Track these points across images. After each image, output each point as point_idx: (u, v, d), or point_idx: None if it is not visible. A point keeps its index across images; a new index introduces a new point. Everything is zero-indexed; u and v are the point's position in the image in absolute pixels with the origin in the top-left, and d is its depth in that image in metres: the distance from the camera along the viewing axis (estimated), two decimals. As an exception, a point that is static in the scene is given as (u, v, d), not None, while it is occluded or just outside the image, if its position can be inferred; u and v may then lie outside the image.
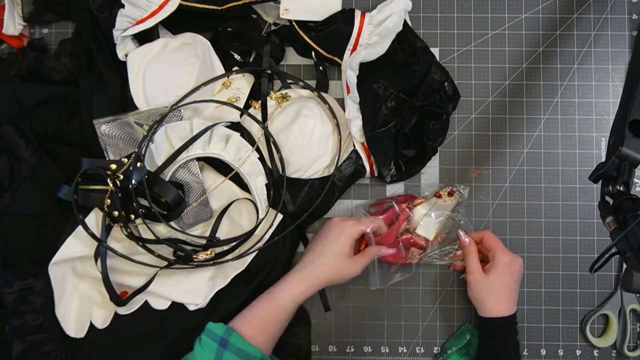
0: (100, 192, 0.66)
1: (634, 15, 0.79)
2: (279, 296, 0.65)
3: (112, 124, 0.68)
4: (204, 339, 0.61)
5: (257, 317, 0.64)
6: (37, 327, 0.65)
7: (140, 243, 0.67)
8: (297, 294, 0.65)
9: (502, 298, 0.67)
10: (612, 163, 0.53)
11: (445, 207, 0.74)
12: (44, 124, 0.72)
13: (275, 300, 0.65)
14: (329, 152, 0.73)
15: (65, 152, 0.72)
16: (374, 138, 0.71)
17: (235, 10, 0.73)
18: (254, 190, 0.70)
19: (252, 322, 0.64)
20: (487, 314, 0.68)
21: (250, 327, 0.63)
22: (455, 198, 0.74)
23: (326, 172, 0.73)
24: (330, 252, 0.67)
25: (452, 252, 0.74)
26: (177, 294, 0.66)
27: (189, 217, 0.71)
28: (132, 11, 0.69)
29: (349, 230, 0.68)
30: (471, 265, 0.69)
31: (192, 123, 0.69)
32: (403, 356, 0.76)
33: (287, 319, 0.66)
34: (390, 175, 0.73)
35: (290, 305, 0.65)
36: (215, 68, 0.75)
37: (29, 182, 0.69)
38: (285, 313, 0.65)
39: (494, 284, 0.67)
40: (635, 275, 0.46)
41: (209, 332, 0.62)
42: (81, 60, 0.72)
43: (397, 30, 0.71)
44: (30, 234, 0.69)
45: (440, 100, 0.72)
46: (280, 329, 0.66)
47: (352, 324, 0.76)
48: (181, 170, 0.70)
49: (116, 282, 0.67)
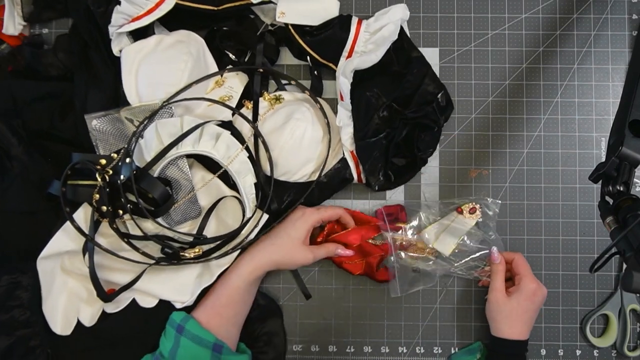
0: (90, 188, 0.66)
1: (634, 15, 0.79)
2: (230, 277, 0.66)
3: (103, 119, 0.68)
4: (166, 328, 0.63)
5: (210, 302, 0.65)
6: (24, 322, 0.65)
7: (126, 239, 0.67)
8: (245, 273, 0.66)
9: (519, 323, 0.67)
10: (612, 163, 0.53)
11: (465, 223, 0.73)
12: (38, 120, 0.72)
13: (226, 282, 0.66)
14: (317, 157, 0.73)
15: (58, 149, 0.72)
16: (364, 147, 0.71)
17: (232, 11, 0.73)
18: (242, 188, 0.70)
19: (207, 307, 0.65)
20: (499, 335, 0.68)
21: (205, 312, 0.64)
22: (476, 216, 0.74)
23: (313, 177, 0.73)
24: (285, 234, 0.68)
25: (480, 268, 0.73)
26: (165, 292, 0.67)
27: (177, 214, 0.71)
28: (128, 8, 0.69)
29: (307, 216, 0.69)
30: (496, 284, 0.69)
31: (182, 120, 0.69)
32: (403, 356, 0.76)
33: (242, 300, 0.67)
34: (379, 184, 0.73)
35: (240, 285, 0.66)
36: (209, 66, 0.75)
37: (20, 180, 0.69)
38: (237, 294, 0.66)
39: (514, 307, 0.67)
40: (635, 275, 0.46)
41: (171, 320, 0.64)
42: (77, 56, 0.73)
43: (392, 39, 0.71)
44: (21, 231, 0.69)
45: (432, 112, 0.72)
46: (237, 312, 0.67)
47: (352, 324, 0.76)
48: (170, 167, 0.70)
49: (104, 279, 0.67)
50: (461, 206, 0.74)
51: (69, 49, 0.74)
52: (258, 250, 0.68)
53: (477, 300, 0.76)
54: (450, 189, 0.77)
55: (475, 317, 0.76)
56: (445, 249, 0.72)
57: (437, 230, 0.73)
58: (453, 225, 0.73)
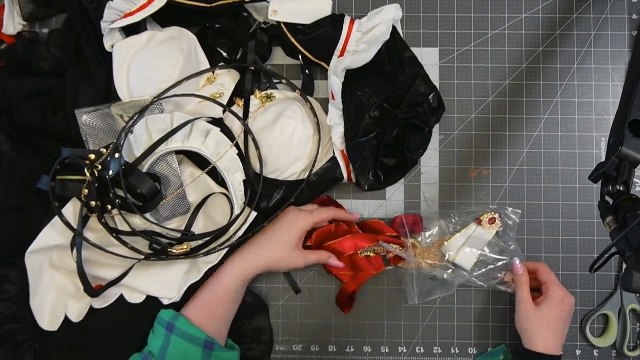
0: (79, 183, 0.66)
1: (634, 15, 0.79)
2: (221, 277, 0.66)
3: (93, 114, 0.68)
4: (155, 327, 0.63)
5: (201, 300, 0.65)
6: (12, 317, 0.65)
7: (114, 234, 0.67)
8: (237, 274, 0.66)
9: (552, 333, 0.66)
10: (612, 163, 0.53)
11: (484, 234, 0.73)
12: (30, 116, 0.72)
13: (217, 282, 0.66)
14: (307, 155, 0.73)
15: (49, 145, 0.72)
16: (354, 147, 0.71)
17: (225, 9, 0.73)
18: (230, 186, 0.70)
19: (198, 305, 0.65)
20: (533, 348, 0.66)
21: (196, 311, 0.64)
22: (496, 226, 0.73)
23: (303, 176, 0.73)
24: (279, 239, 0.68)
25: (500, 276, 0.72)
26: (152, 288, 0.67)
27: (166, 210, 0.71)
28: (121, 4, 0.69)
29: (301, 221, 0.69)
30: (523, 295, 0.68)
31: (173, 116, 0.69)
32: (403, 356, 0.76)
33: (232, 300, 0.67)
34: (368, 184, 0.73)
35: (231, 286, 0.66)
36: (201, 63, 0.75)
37: (9, 176, 0.69)
38: (229, 294, 0.66)
39: (544, 316, 0.66)
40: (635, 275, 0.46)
41: (159, 319, 0.63)
42: (69, 51, 0.73)
43: (384, 39, 0.71)
44: (10, 227, 0.69)
45: (423, 113, 0.72)
46: (228, 311, 0.67)
47: (352, 324, 0.76)
48: (160, 163, 0.70)
49: (92, 274, 0.67)
50: (480, 217, 0.73)
51: (62, 44, 0.74)
52: (250, 252, 0.68)
53: (477, 300, 0.76)
54: (450, 189, 0.77)
55: (475, 318, 0.76)
56: (466, 263, 0.72)
57: (457, 243, 0.73)
58: (473, 237, 0.73)
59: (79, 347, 0.67)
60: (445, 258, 0.72)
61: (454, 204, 0.77)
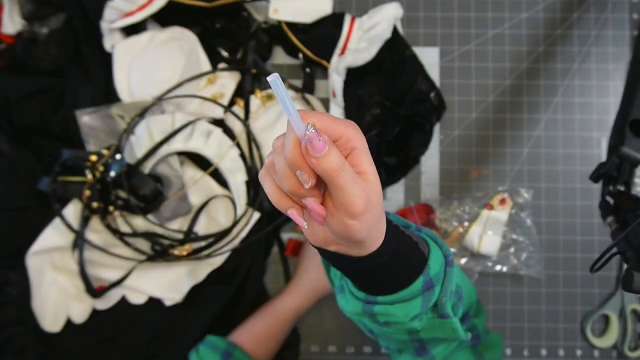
0: (80, 184, 0.66)
1: (635, 15, 0.79)
2: (279, 310, 0.66)
3: (94, 115, 0.68)
4: (204, 351, 0.61)
5: (256, 332, 0.65)
6: (15, 320, 0.65)
7: (118, 235, 0.67)
8: (295, 307, 0.67)
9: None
10: (613, 163, 0.53)
11: (499, 218, 0.72)
12: (29, 116, 0.72)
13: (275, 314, 0.66)
14: None
15: (48, 145, 0.72)
16: None
17: (225, 8, 0.73)
18: (233, 186, 0.70)
19: (253, 336, 0.64)
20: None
21: (251, 341, 0.64)
22: (508, 206, 0.73)
23: None
24: (315, 265, 0.68)
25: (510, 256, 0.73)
26: (155, 289, 0.67)
27: (168, 211, 0.71)
28: (121, 4, 0.69)
29: None
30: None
31: (174, 117, 0.69)
32: (403, 356, 0.76)
33: (286, 332, 0.67)
34: None
35: (289, 319, 0.66)
36: (202, 64, 0.75)
37: (9, 177, 0.69)
38: (285, 326, 0.66)
39: None
40: (636, 276, 0.45)
41: (211, 344, 0.62)
42: (69, 51, 0.72)
43: (385, 38, 0.71)
44: (11, 229, 0.69)
45: (425, 111, 0.72)
46: (279, 343, 0.67)
47: (353, 324, 0.76)
48: (161, 164, 0.70)
49: (94, 275, 0.67)
50: (489, 202, 0.73)
51: (62, 43, 0.74)
52: (302, 284, 0.68)
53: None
54: (450, 189, 0.77)
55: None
56: (492, 250, 0.72)
57: (476, 233, 0.72)
58: (490, 222, 0.73)
59: (83, 348, 0.66)
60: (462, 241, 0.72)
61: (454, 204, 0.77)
